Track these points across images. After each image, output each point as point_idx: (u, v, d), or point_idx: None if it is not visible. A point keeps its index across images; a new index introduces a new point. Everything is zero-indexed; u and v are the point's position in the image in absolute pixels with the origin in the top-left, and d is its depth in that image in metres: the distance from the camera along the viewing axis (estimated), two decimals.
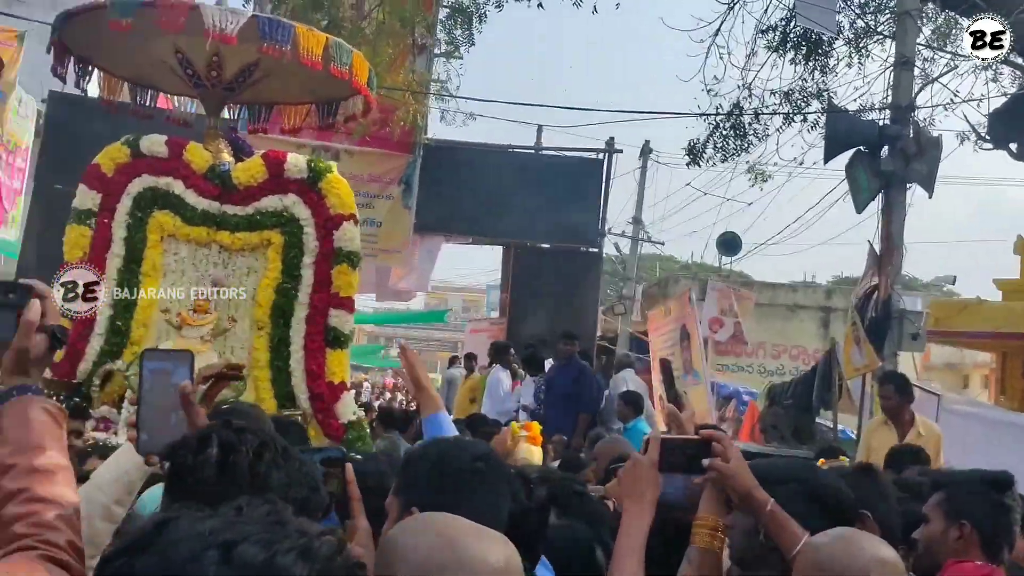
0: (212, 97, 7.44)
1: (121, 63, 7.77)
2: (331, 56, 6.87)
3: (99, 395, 6.76)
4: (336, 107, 8.11)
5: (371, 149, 16.93)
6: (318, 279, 7.09)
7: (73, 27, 6.90)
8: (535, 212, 17.39)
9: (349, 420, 6.92)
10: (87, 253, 7.04)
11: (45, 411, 2.06)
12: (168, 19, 6.47)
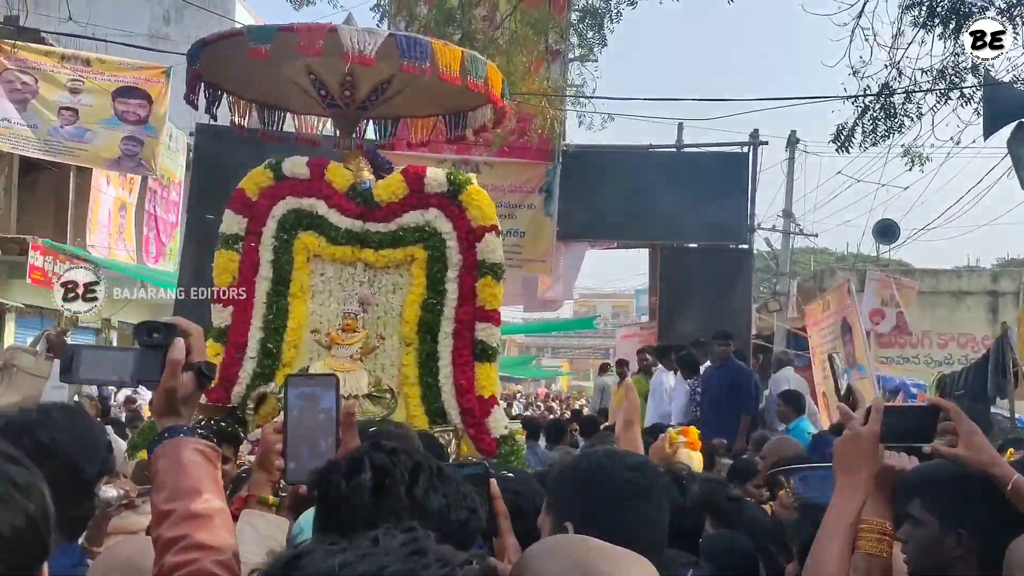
0: (346, 116, 7.49)
1: (250, 87, 7.88)
2: (467, 70, 6.87)
3: (254, 418, 6.82)
4: (465, 118, 8.09)
5: (510, 159, 16.91)
6: (463, 293, 7.04)
7: (207, 55, 7.03)
8: (681, 211, 17.09)
9: (501, 434, 6.82)
10: (236, 277, 7.16)
11: (198, 452, 2.02)
12: (307, 43, 6.56)
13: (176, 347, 2.06)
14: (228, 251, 7.19)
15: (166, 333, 2.08)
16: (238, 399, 6.94)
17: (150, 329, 2.09)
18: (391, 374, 7.03)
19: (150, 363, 2.07)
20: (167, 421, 2.05)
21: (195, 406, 2.15)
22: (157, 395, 2.08)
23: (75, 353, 2.13)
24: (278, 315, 7.08)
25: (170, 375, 2.04)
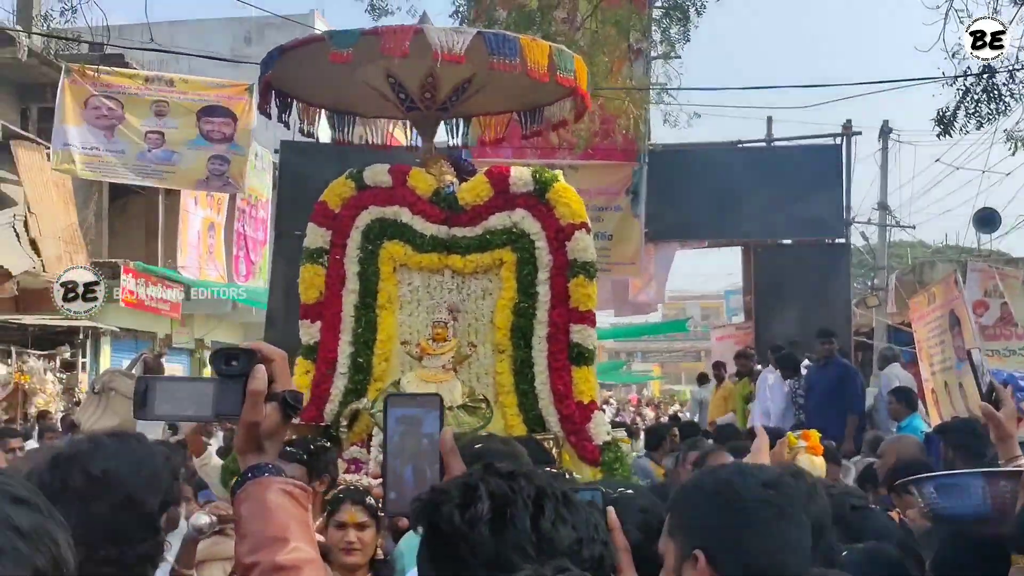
0: (426, 119, 7.29)
1: (319, 94, 7.73)
2: (555, 64, 6.63)
3: (347, 436, 6.64)
4: (540, 114, 7.85)
5: (595, 162, 16.68)
6: (555, 294, 6.75)
7: (282, 62, 6.87)
8: (773, 208, 16.74)
9: (604, 441, 6.51)
10: (323, 292, 6.99)
11: (285, 493, 1.82)
12: (393, 45, 6.34)
13: (257, 376, 1.84)
14: (313, 265, 7.01)
15: (245, 360, 1.86)
16: (331, 417, 6.75)
17: (227, 356, 1.87)
18: (485, 383, 6.78)
19: (229, 395, 1.85)
20: (250, 459, 1.85)
21: (281, 441, 1.92)
22: (238, 431, 1.86)
23: (148, 387, 1.90)
24: (367, 328, 6.87)
25: (251, 408, 1.82)
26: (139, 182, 16.77)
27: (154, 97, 15.80)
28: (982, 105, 12.76)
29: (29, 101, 19.54)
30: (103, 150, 15.61)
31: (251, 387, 1.82)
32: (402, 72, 6.91)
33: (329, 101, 7.88)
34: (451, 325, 6.74)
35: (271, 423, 1.85)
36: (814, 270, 16.97)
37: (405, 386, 6.53)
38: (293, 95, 7.58)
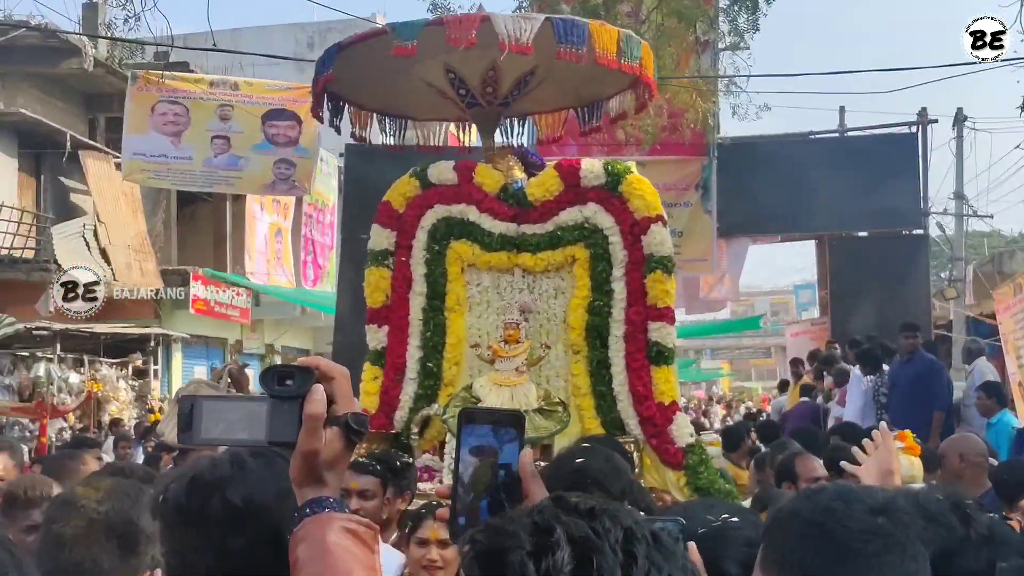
0: (487, 115, 7.04)
1: (372, 98, 7.53)
2: (622, 51, 6.32)
3: (419, 443, 6.43)
4: (600, 108, 7.56)
5: (663, 157, 16.38)
6: (631, 291, 6.46)
7: (340, 62, 6.62)
8: (847, 199, 16.41)
9: (687, 443, 6.20)
10: (389, 295, 6.78)
11: (348, 533, 1.56)
12: (458, 34, 6.08)
13: (315, 398, 1.57)
14: (379, 268, 6.80)
15: (301, 380, 1.59)
16: (401, 424, 6.55)
17: (281, 375, 1.60)
18: (560, 385, 6.53)
19: (284, 419, 1.58)
20: (308, 492, 1.59)
21: (344, 470, 1.64)
22: (294, 460, 1.59)
23: (195, 408, 1.61)
24: (436, 332, 6.64)
25: (308, 434, 1.57)
26: (207, 190, 16.71)
27: (219, 101, 15.73)
28: None
29: (96, 111, 19.62)
30: (170, 157, 15.55)
31: (308, 411, 1.56)
32: (463, 66, 6.67)
33: (380, 105, 7.68)
34: (523, 326, 6.46)
35: (332, 451, 1.58)
36: (891, 262, 16.62)
37: (477, 390, 6.29)
38: (346, 99, 7.39)
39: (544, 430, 6.01)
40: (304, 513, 1.57)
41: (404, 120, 7.87)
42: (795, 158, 16.90)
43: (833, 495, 1.85)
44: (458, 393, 6.40)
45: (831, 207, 16.64)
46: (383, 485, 4.68)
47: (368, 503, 4.52)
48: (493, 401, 6.16)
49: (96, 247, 17.13)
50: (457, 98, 6.91)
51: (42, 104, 18.06)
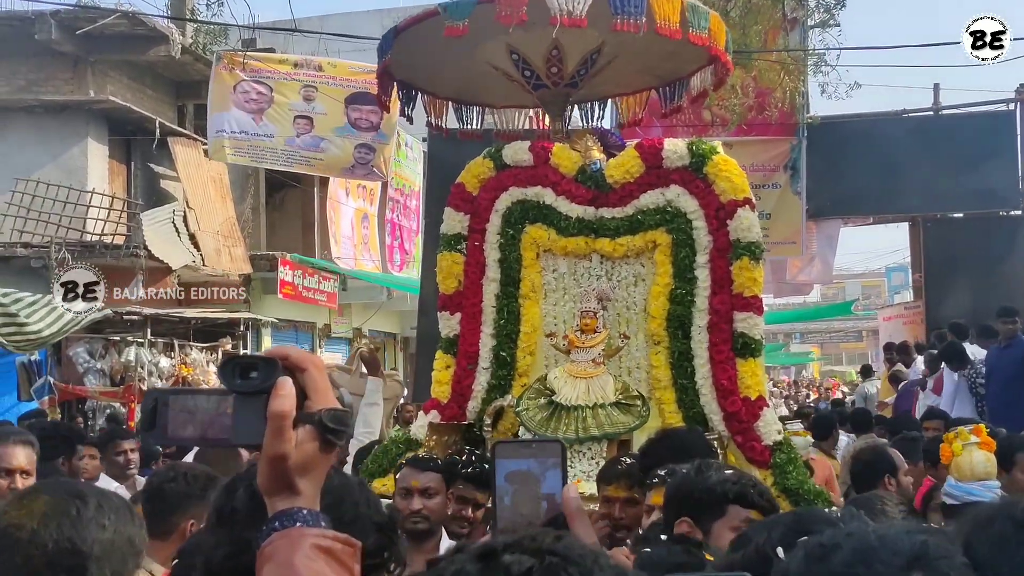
0: (554, 97, 6.71)
1: (444, 83, 7.27)
2: (688, 21, 5.94)
3: (492, 435, 6.10)
4: (680, 87, 7.16)
5: (750, 138, 16.12)
6: (716, 279, 6.07)
7: (399, 47, 6.44)
8: (942, 180, 16.08)
9: (775, 440, 5.82)
10: (462, 281, 6.49)
11: (321, 552, 1.32)
12: (509, 12, 5.76)
13: (279, 394, 1.31)
14: (451, 253, 6.51)
15: (266, 372, 1.33)
16: (474, 415, 6.27)
17: (244, 368, 1.34)
18: (639, 377, 6.18)
19: (249, 418, 1.35)
20: (278, 502, 1.37)
21: (321, 477, 1.38)
22: (260, 465, 1.37)
23: (159, 403, 1.36)
24: (509, 319, 6.34)
25: (274, 436, 1.34)
26: (287, 168, 16.66)
27: (302, 81, 15.67)
28: None
29: (185, 98, 19.70)
30: (251, 134, 15.55)
31: (272, 408, 1.34)
32: (525, 46, 6.37)
33: (454, 92, 7.44)
34: (601, 315, 6.18)
35: (304, 454, 1.36)
36: (988, 244, 16.21)
37: (552, 382, 6.05)
38: (416, 86, 7.14)
39: (622, 425, 5.75)
40: (272, 527, 1.36)
41: (481, 107, 7.62)
42: (887, 137, 16.49)
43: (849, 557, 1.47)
44: (532, 384, 6.15)
45: (925, 188, 16.32)
46: (446, 482, 4.45)
47: (431, 501, 4.31)
48: (568, 393, 5.91)
49: (185, 233, 17.17)
50: (522, 80, 6.61)
51: (131, 91, 18.16)
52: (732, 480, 3.07)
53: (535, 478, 1.65)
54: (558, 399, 5.88)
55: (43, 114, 17.42)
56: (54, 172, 17.02)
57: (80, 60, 17.27)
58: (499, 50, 6.44)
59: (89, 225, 16.76)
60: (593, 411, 5.79)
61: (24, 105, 17.33)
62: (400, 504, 4.23)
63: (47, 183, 16.67)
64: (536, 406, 5.90)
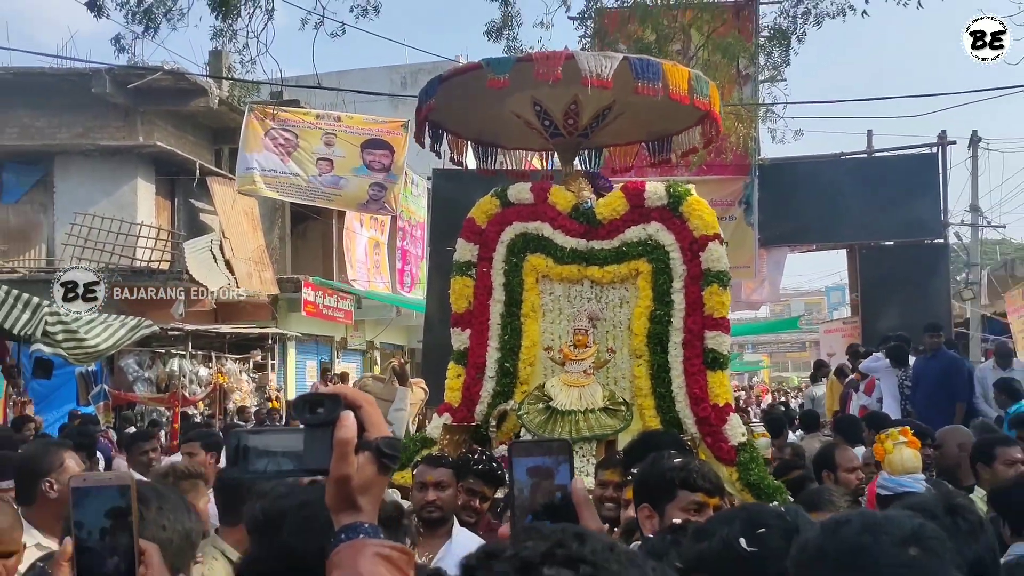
0: (568, 145, 6.76)
1: (467, 127, 7.30)
2: (694, 89, 6.07)
3: (496, 435, 6.16)
4: (669, 143, 7.30)
5: (710, 177, 16.19)
6: (689, 303, 6.09)
7: (440, 94, 6.41)
8: (875, 213, 16.18)
9: (740, 442, 5.84)
10: (471, 302, 6.50)
11: (382, 559, 1.34)
12: (546, 70, 5.86)
13: (345, 424, 1.38)
14: (463, 277, 6.52)
15: (330, 407, 1.40)
16: (481, 417, 6.27)
17: (312, 404, 1.41)
18: (624, 386, 6.18)
19: (317, 446, 1.39)
20: (344, 518, 1.39)
21: (380, 495, 1.42)
22: (328, 486, 1.40)
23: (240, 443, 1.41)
24: (512, 335, 6.35)
25: (340, 460, 1.38)
26: (310, 202, 16.66)
27: (324, 130, 15.74)
28: None
29: (221, 143, 19.72)
30: (279, 172, 15.59)
31: (338, 436, 1.38)
32: (548, 100, 6.44)
33: (475, 134, 7.48)
34: (591, 332, 6.20)
35: (364, 476, 1.39)
36: (915, 268, 16.26)
37: (549, 389, 6.05)
38: (444, 127, 7.19)
39: (609, 427, 5.78)
40: (339, 539, 1.38)
41: (495, 148, 7.63)
42: (828, 176, 16.62)
43: (859, 528, 1.54)
44: (532, 391, 6.16)
45: (860, 220, 16.37)
46: (457, 476, 4.47)
47: (443, 493, 4.30)
48: (563, 400, 5.91)
49: (221, 259, 17.17)
50: (542, 129, 6.65)
51: (175, 138, 18.17)
52: (679, 467, 3.03)
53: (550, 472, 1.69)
54: (554, 404, 5.89)
55: (99, 157, 17.45)
56: (108, 207, 17.04)
57: (131, 111, 17.29)
58: (525, 101, 6.48)
59: (139, 253, 16.78)
60: (584, 415, 5.80)
61: (82, 150, 17.37)
62: (416, 496, 4.25)
63: (102, 216, 16.68)
64: (535, 410, 5.91)
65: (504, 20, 13.55)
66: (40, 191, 17.94)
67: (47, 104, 17.15)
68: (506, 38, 13.61)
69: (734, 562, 1.94)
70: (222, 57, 17.75)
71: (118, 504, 1.47)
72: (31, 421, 11.20)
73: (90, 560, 1.46)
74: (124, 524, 1.47)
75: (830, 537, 1.56)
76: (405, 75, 25.05)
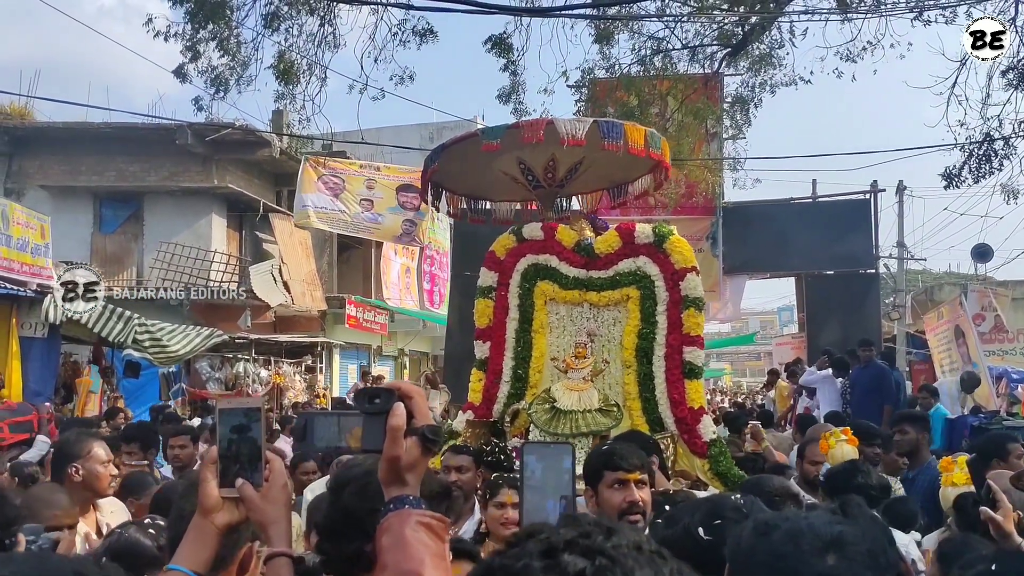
0: (548, 194, 6.78)
1: (461, 184, 7.29)
2: (649, 143, 6.12)
3: (510, 429, 6.11)
4: (625, 189, 7.37)
5: (683, 216, 16.31)
6: (671, 323, 6.07)
7: (440, 159, 6.48)
8: (818, 247, 16.33)
9: (711, 438, 5.81)
10: (491, 320, 6.48)
11: (423, 526, 1.36)
12: (530, 133, 5.95)
13: (396, 413, 1.41)
14: (484, 300, 6.51)
15: (386, 399, 1.43)
16: (497, 415, 6.25)
17: (371, 395, 1.44)
18: (616, 391, 6.15)
19: (373, 431, 1.43)
20: (393, 490, 1.41)
21: (422, 473, 1.43)
22: (381, 464, 1.42)
23: (308, 421, 1.43)
24: (525, 347, 6.33)
25: (392, 442, 1.40)
26: (354, 234, 16.79)
27: (365, 176, 15.83)
28: (983, 164, 11.71)
29: (281, 186, 19.77)
30: (329, 209, 15.68)
31: (391, 423, 1.41)
32: (531, 158, 6.47)
33: (467, 189, 7.44)
34: (589, 346, 6.19)
35: (411, 457, 1.41)
36: (851, 294, 16.35)
37: (554, 392, 6.01)
38: (443, 186, 7.21)
39: (603, 425, 5.76)
40: (388, 508, 1.39)
41: (484, 201, 7.62)
42: (780, 217, 16.86)
43: (783, 535, 1.41)
44: (540, 394, 6.12)
45: (806, 253, 16.48)
46: (476, 463, 4.54)
47: (464, 476, 4.37)
48: (565, 401, 5.88)
49: (280, 280, 17.19)
50: (526, 182, 6.67)
51: (243, 180, 18.23)
52: (602, 453, 3.02)
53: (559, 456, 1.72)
54: (558, 405, 5.87)
55: (181, 196, 17.53)
56: (188, 237, 17.10)
57: (208, 158, 17.37)
58: (511, 161, 6.49)
59: (212, 275, 16.81)
60: (583, 414, 5.78)
61: (167, 190, 17.46)
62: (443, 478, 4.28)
63: (183, 245, 16.74)
64: (542, 410, 5.89)
65: (512, 87, 13.60)
66: (132, 224, 18.00)
67: (139, 152, 17.23)
68: (514, 102, 13.67)
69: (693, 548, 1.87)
70: (283, 115, 17.85)
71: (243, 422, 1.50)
72: (121, 412, 11.23)
73: (227, 464, 1.49)
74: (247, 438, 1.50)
75: (759, 539, 1.44)
76: (432, 131, 25.09)
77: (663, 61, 13.70)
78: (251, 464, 1.49)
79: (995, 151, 12.00)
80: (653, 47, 13.56)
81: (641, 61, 13.71)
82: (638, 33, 13.56)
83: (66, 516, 3.12)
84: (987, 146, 12.01)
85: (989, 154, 12.02)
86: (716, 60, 13.93)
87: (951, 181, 12.30)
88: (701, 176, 15.55)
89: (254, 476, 1.48)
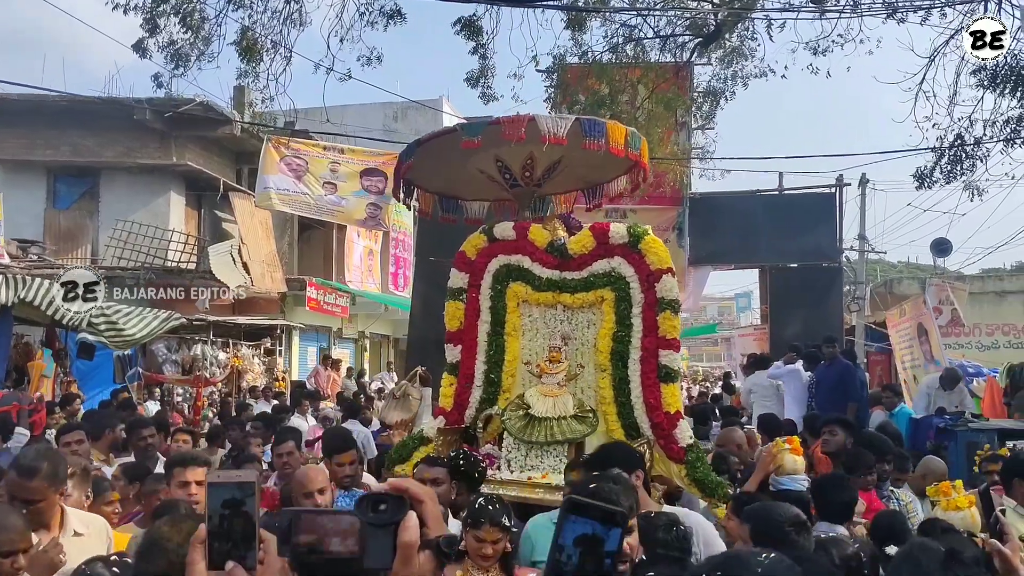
0: (524, 194, 6.52)
1: (434, 182, 7.00)
2: (629, 143, 5.92)
3: (483, 435, 5.94)
4: (601, 190, 7.14)
5: (650, 206, 16.28)
6: (646, 326, 5.89)
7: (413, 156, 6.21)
8: (783, 240, 16.36)
9: (687, 443, 5.67)
10: (462, 322, 6.25)
11: None
12: (511, 131, 5.69)
13: (409, 527, 1.20)
14: (455, 301, 6.27)
15: (394, 506, 1.21)
16: (470, 420, 6.06)
17: (375, 501, 1.21)
18: (590, 396, 5.98)
19: (380, 545, 1.19)
20: None
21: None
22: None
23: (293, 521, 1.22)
24: (497, 351, 6.13)
25: (404, 562, 1.19)
26: (317, 217, 16.45)
27: (329, 159, 15.51)
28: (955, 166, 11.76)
29: (242, 164, 19.34)
30: (291, 191, 15.35)
31: (404, 539, 1.20)
32: (509, 157, 6.20)
33: (440, 187, 7.13)
34: (563, 349, 5.98)
35: (424, 572, 1.22)
36: (814, 286, 16.39)
37: (528, 398, 5.81)
38: (415, 184, 6.88)
39: (579, 432, 5.59)
40: None
41: (456, 199, 7.31)
42: (746, 209, 16.83)
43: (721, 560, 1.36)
44: (513, 399, 5.92)
45: (771, 245, 16.48)
46: (450, 475, 4.47)
47: (439, 488, 4.25)
48: (540, 408, 5.68)
49: (240, 261, 16.83)
50: (503, 181, 6.43)
51: (203, 158, 17.79)
52: None
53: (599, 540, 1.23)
54: (532, 412, 5.68)
55: (138, 173, 17.06)
56: (145, 216, 16.67)
57: (166, 135, 16.89)
58: (488, 159, 6.25)
59: (170, 255, 16.43)
60: (558, 421, 5.60)
61: (124, 167, 16.97)
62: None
63: (140, 223, 16.30)
64: (516, 416, 5.70)
65: (481, 71, 13.33)
66: (87, 200, 17.48)
67: (96, 127, 16.69)
68: (482, 86, 13.41)
69: None
70: (244, 92, 17.39)
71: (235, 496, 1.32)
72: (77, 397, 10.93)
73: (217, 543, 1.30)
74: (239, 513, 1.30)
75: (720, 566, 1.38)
76: (396, 111, 24.74)
77: (635, 49, 13.57)
78: (244, 543, 1.30)
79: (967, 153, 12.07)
80: (625, 35, 13.42)
81: (613, 48, 13.55)
82: (610, 20, 13.40)
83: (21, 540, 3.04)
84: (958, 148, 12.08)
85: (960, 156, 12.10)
86: (687, 50, 13.80)
87: (923, 182, 12.37)
88: (669, 166, 15.50)
89: (247, 557, 1.29)
